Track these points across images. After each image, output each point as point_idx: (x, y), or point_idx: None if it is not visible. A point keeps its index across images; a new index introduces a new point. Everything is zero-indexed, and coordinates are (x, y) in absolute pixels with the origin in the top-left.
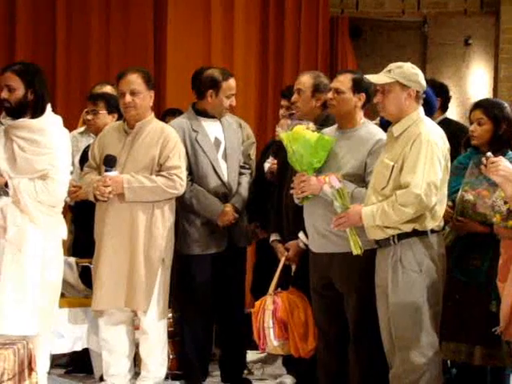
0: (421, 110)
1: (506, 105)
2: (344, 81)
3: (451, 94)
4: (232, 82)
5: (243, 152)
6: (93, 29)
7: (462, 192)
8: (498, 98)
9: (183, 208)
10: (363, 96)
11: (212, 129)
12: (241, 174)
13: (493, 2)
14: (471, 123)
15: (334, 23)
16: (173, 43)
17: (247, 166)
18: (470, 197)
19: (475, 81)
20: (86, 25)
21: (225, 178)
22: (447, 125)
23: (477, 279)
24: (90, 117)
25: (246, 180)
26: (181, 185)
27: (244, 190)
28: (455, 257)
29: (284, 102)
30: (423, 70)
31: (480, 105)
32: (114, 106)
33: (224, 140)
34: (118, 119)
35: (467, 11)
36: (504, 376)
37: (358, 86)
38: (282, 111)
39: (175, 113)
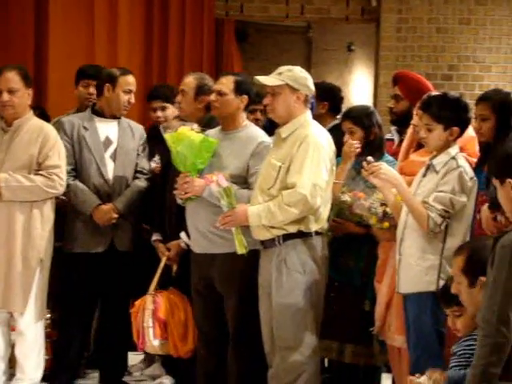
0: (308, 113)
1: (373, 110)
2: (226, 83)
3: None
4: (130, 78)
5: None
6: None
7: (339, 193)
8: (368, 104)
9: (65, 204)
10: (245, 98)
11: (104, 128)
12: (136, 178)
13: (373, 9)
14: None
15: (219, 26)
16: (54, 41)
17: (145, 171)
18: (346, 198)
19: (357, 86)
20: None
21: (109, 178)
22: (338, 130)
23: (351, 279)
24: None
25: (137, 184)
26: (60, 184)
27: (130, 193)
28: (330, 257)
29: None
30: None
31: (348, 116)
32: None
33: (116, 141)
34: None
35: (349, 18)
36: (376, 374)
37: (241, 88)
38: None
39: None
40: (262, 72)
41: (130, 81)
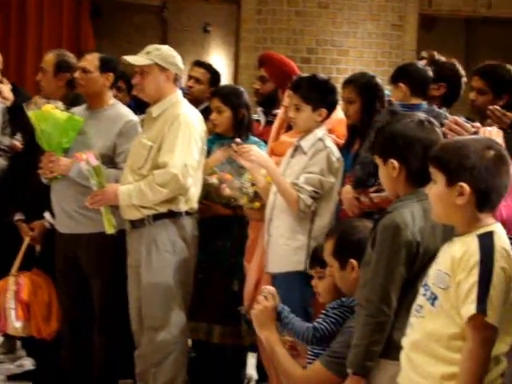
0: (179, 92)
1: (242, 90)
2: (91, 60)
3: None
4: None
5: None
6: None
7: (205, 176)
8: (236, 85)
9: None
10: (111, 76)
11: None
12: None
13: None
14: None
15: (76, 2)
16: None
17: (6, 149)
18: (214, 180)
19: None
20: None
21: None
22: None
23: (219, 259)
24: None
25: None
26: None
27: None
28: (199, 238)
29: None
30: None
31: (218, 94)
32: None
33: None
34: None
35: None
36: (243, 354)
37: (106, 66)
38: None
39: None
40: (117, 51)
41: None
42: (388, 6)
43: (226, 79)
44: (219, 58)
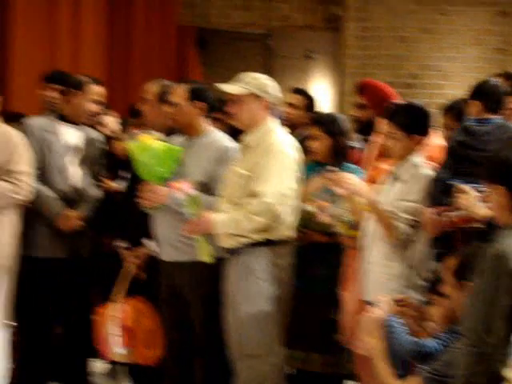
0: (274, 120)
1: (341, 117)
2: (180, 93)
3: None
4: (98, 88)
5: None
6: None
7: (303, 203)
8: (339, 111)
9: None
10: (204, 105)
11: (68, 134)
12: (98, 185)
13: (336, 18)
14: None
15: (181, 32)
16: (18, 45)
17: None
18: (311, 208)
19: (317, 94)
20: None
21: (72, 184)
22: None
23: (316, 288)
24: None
25: (99, 191)
26: (27, 190)
27: (94, 200)
28: (295, 265)
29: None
30: None
31: (316, 121)
32: None
33: (79, 147)
34: None
35: (311, 26)
36: (340, 382)
37: (196, 96)
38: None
39: (17, 117)
40: (222, 79)
41: (98, 91)
42: (491, 31)
43: (329, 106)
44: (322, 85)
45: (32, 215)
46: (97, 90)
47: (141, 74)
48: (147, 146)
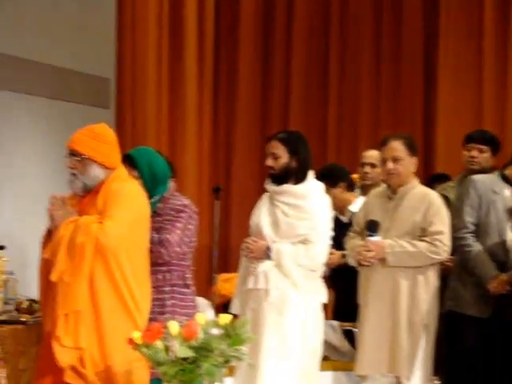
0: None
1: None
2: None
3: None
4: None
5: None
6: (363, 91)
7: None
8: None
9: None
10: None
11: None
12: None
13: None
14: None
15: None
16: (444, 104)
17: None
18: None
19: None
20: (356, 86)
21: (507, 247)
22: None
23: None
24: None
25: None
26: (444, 250)
27: None
28: None
29: None
30: None
31: None
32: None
33: None
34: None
35: None
36: None
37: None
38: None
39: (443, 178)
40: None
41: None
42: None
43: None
44: None
45: (464, 273)
46: None
47: None
48: None
